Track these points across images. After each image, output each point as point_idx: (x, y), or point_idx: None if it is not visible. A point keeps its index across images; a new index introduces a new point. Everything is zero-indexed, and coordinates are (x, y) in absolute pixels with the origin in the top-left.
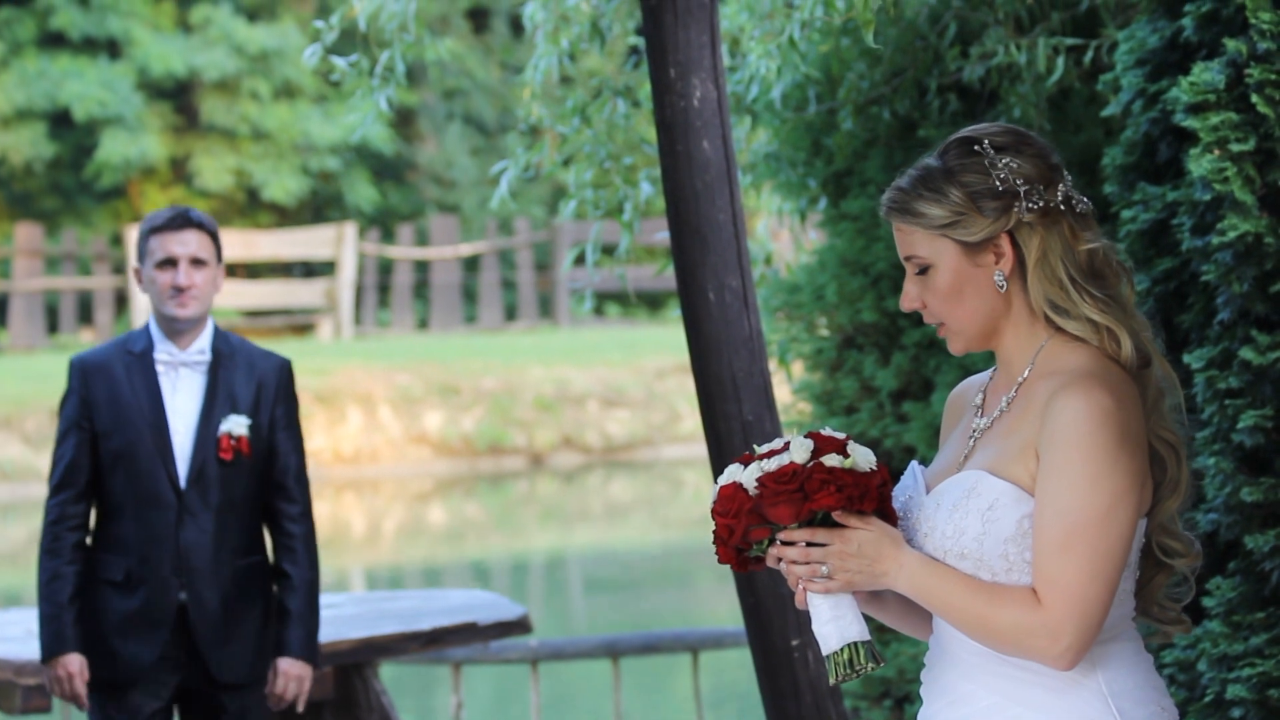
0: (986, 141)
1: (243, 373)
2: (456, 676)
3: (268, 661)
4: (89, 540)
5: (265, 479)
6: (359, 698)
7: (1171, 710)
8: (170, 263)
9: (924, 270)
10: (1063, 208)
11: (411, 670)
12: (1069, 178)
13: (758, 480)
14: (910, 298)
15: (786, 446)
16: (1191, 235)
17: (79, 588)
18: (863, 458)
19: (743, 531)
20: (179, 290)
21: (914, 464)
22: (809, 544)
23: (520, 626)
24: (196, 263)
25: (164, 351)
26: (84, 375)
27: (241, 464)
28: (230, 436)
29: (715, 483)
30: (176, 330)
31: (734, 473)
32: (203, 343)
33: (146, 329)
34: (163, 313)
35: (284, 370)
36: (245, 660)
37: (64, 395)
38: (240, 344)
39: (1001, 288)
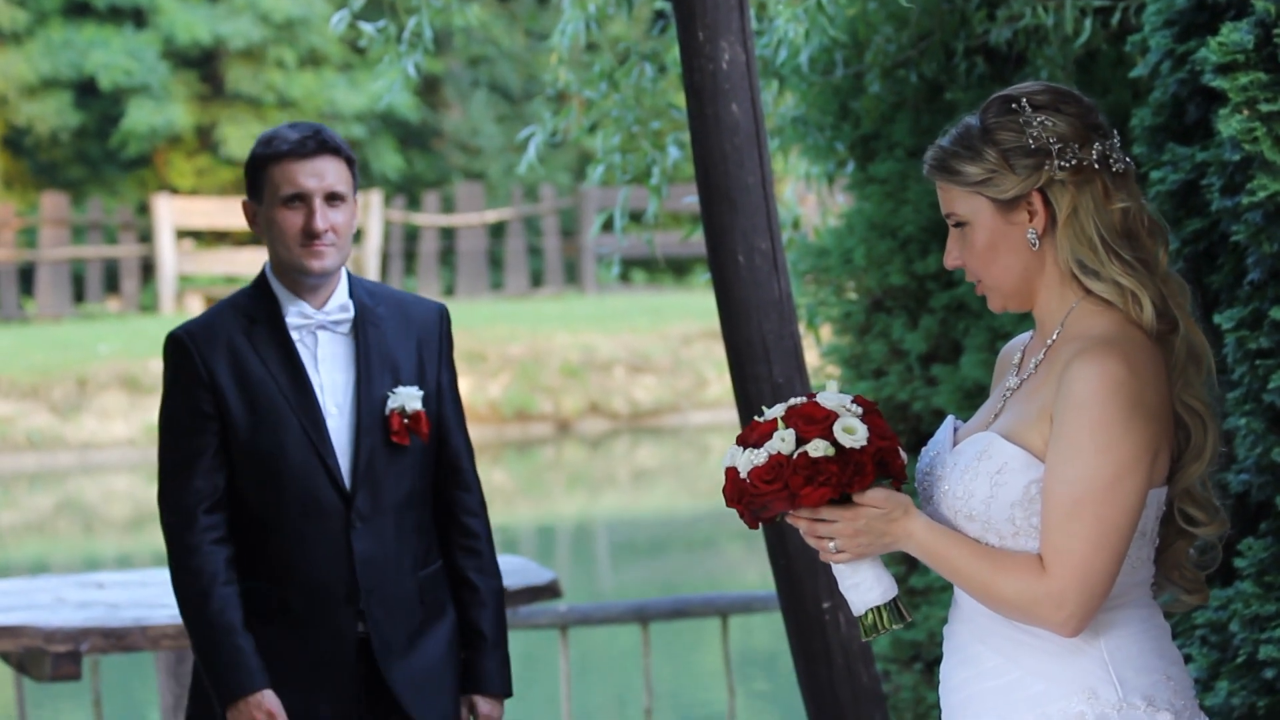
0: (1024, 100)
1: (397, 328)
2: None
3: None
4: None
5: (438, 463)
6: None
7: (1180, 678)
8: (299, 199)
9: (961, 227)
10: (1096, 166)
11: None
12: (1113, 138)
13: (748, 476)
14: (951, 255)
15: (777, 423)
16: (1221, 196)
17: (244, 611)
18: (853, 434)
19: (750, 515)
20: (313, 236)
21: (950, 418)
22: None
23: (549, 591)
24: (333, 199)
25: (296, 313)
26: (197, 351)
27: (416, 448)
28: (402, 414)
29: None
30: (309, 285)
31: (733, 456)
32: (342, 296)
33: (261, 285)
34: (290, 263)
35: (444, 320)
36: (445, 703)
37: (169, 381)
38: (385, 292)
39: (1034, 245)
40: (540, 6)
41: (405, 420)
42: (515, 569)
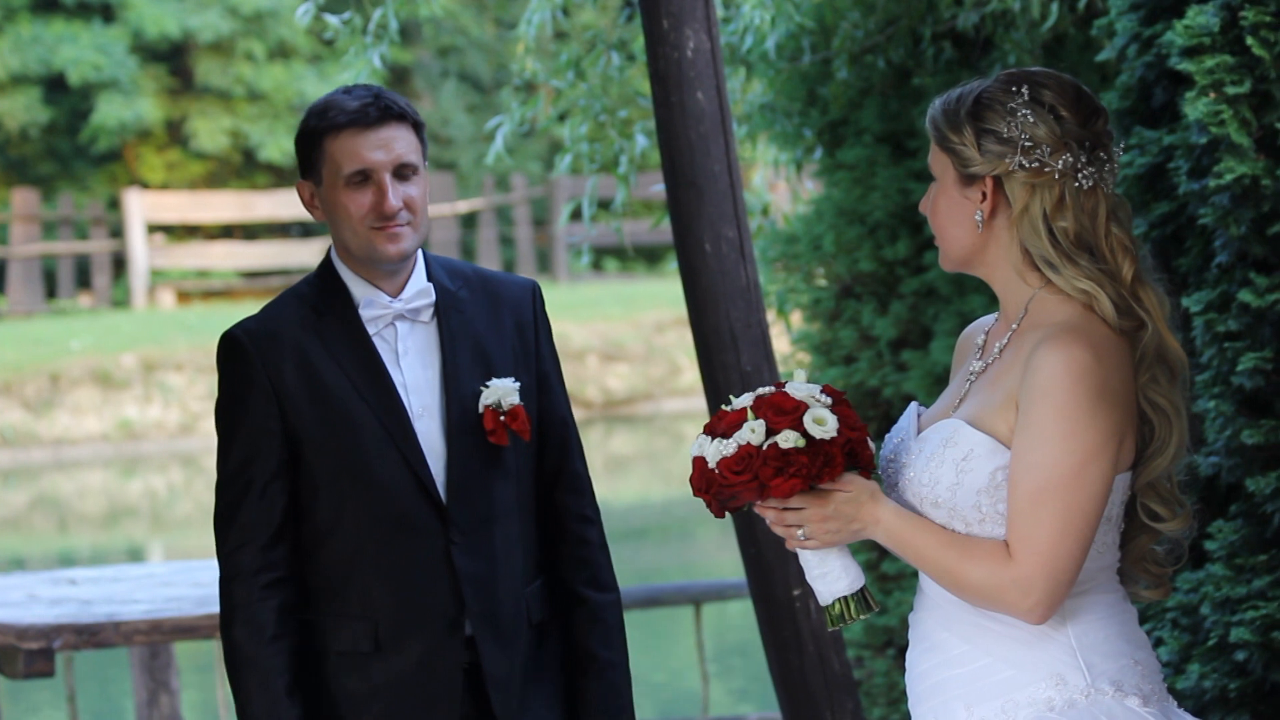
0: (1027, 89)
1: (485, 312)
2: None
3: None
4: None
5: (541, 464)
6: None
7: (1148, 663)
8: (365, 177)
9: (932, 181)
10: (1058, 176)
11: None
12: (1104, 153)
13: (716, 466)
14: (923, 202)
15: (747, 413)
16: (1188, 179)
17: (296, 672)
18: (823, 425)
19: (718, 505)
20: (386, 218)
21: (913, 405)
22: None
23: None
24: (404, 171)
25: (370, 303)
26: (259, 353)
27: (517, 448)
28: (498, 410)
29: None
30: (384, 271)
31: (701, 445)
32: (420, 280)
33: (326, 273)
34: (362, 249)
35: (538, 297)
36: None
37: (225, 388)
38: (468, 270)
39: (979, 227)
40: None
41: (502, 417)
42: None
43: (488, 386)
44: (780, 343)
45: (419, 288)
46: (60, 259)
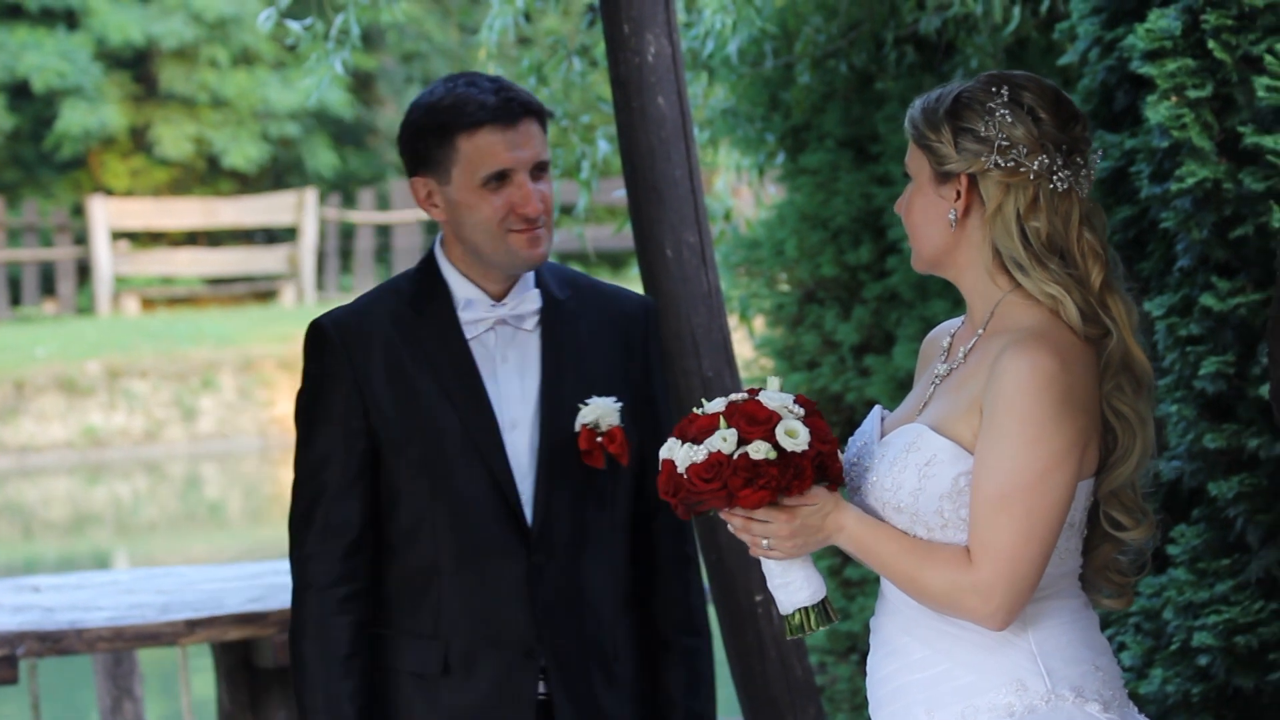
0: (1007, 90)
1: (594, 326)
2: None
3: None
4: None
5: (639, 493)
6: None
7: (1109, 669)
8: (503, 178)
9: (908, 180)
10: (1033, 177)
11: None
12: (1081, 158)
13: (685, 472)
14: (899, 202)
15: (719, 419)
16: (1150, 182)
17: (367, 696)
18: (795, 438)
19: (684, 508)
20: (529, 220)
21: (876, 409)
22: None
23: None
24: (539, 170)
25: (471, 305)
26: (346, 346)
27: (617, 473)
28: (595, 430)
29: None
30: (498, 275)
31: (671, 448)
32: (527, 284)
33: (429, 269)
34: (493, 254)
35: (651, 316)
36: None
37: (307, 381)
38: (582, 281)
39: (952, 225)
40: (472, 1)
41: (599, 438)
42: None
43: (586, 404)
44: (743, 348)
45: (525, 293)
46: (25, 266)
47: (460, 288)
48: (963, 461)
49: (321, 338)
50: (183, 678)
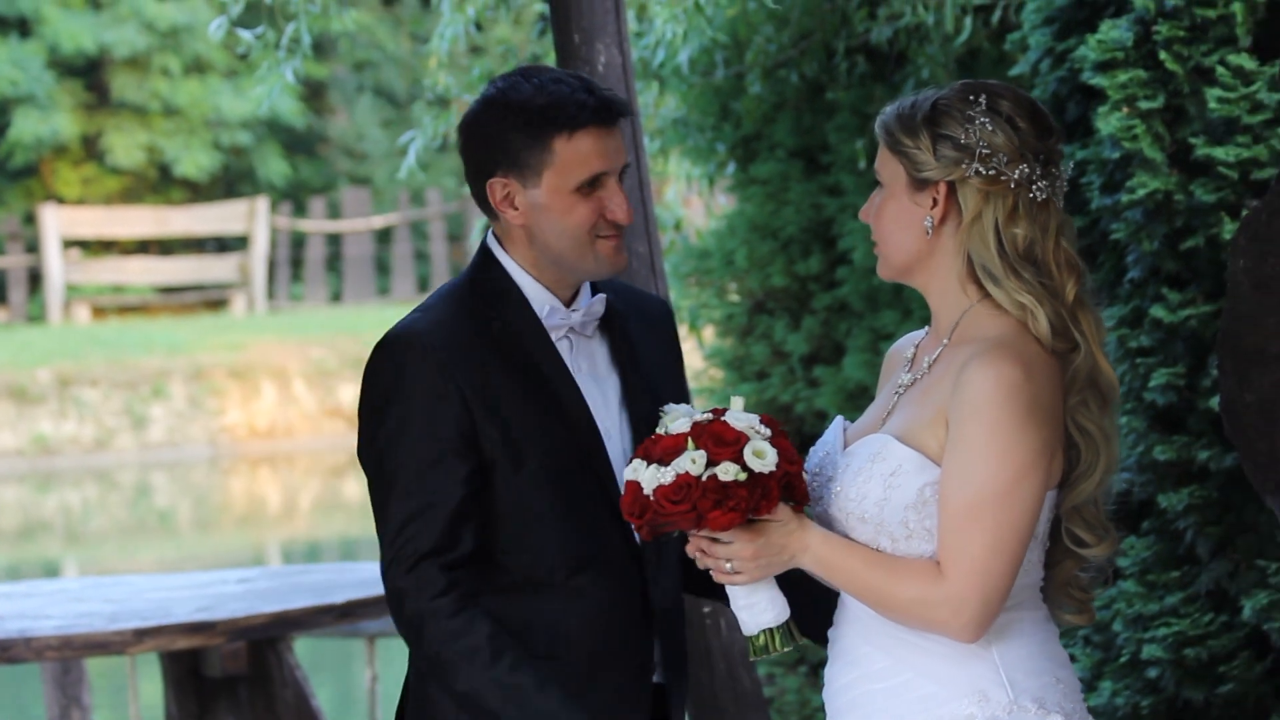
0: (985, 98)
1: (641, 329)
2: (371, 650)
3: None
4: None
5: None
6: (273, 672)
7: (1069, 681)
8: (595, 182)
9: (879, 187)
10: (1013, 185)
11: (327, 644)
12: (1055, 170)
13: (653, 494)
14: (866, 210)
15: (685, 439)
16: (1101, 193)
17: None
18: (763, 459)
19: (649, 530)
20: (617, 229)
21: (839, 419)
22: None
23: None
24: (624, 174)
25: (553, 313)
26: (445, 365)
27: None
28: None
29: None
30: (570, 281)
31: (637, 469)
32: (587, 290)
33: (496, 277)
34: (575, 261)
35: (673, 318)
36: None
37: (395, 404)
38: (617, 284)
39: (928, 233)
40: (424, 10)
41: None
42: None
43: (665, 411)
44: (693, 358)
45: (591, 298)
46: None
47: (536, 293)
48: (928, 472)
49: (415, 354)
50: (131, 686)
